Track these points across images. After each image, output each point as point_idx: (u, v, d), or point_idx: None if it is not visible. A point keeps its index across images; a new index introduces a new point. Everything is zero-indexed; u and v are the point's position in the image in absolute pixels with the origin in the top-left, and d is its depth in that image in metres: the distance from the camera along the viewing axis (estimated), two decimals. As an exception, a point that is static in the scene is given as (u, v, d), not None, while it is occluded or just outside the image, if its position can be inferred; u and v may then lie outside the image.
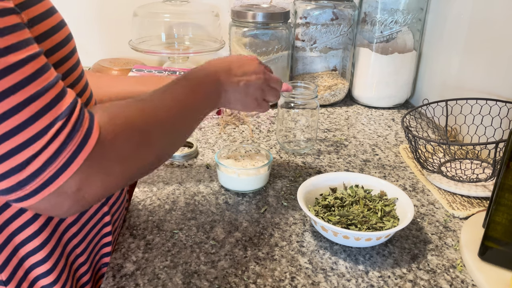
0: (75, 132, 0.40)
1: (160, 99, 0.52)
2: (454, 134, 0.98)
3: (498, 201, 0.56)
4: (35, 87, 0.38)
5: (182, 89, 0.57)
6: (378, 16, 1.11)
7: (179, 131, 0.54)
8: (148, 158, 0.48)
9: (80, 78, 0.53)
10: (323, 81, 1.19)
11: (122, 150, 0.44)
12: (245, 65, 0.68)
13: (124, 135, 0.44)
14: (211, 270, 0.59)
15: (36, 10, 0.44)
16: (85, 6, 1.39)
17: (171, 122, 0.52)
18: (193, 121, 0.58)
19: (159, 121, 0.50)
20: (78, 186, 0.40)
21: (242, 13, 1.09)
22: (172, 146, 0.54)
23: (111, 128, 0.43)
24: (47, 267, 0.54)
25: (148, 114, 0.49)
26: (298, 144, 0.95)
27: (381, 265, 0.61)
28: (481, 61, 0.94)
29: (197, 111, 0.58)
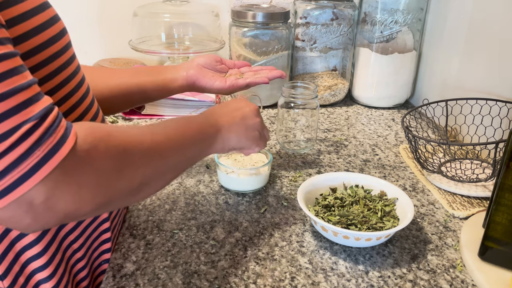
0: (46, 138, 0.37)
1: (149, 128, 0.50)
2: (454, 134, 0.98)
3: (498, 201, 0.56)
4: (3, 87, 0.36)
5: (174, 121, 0.55)
6: (378, 16, 1.11)
7: (167, 162, 0.50)
8: (128, 182, 0.44)
9: (76, 74, 0.53)
10: (323, 81, 1.19)
11: (100, 164, 0.40)
12: (233, 104, 0.67)
13: (104, 149, 0.41)
14: (211, 270, 0.59)
15: (24, 7, 0.44)
16: (85, 6, 1.39)
17: (158, 150, 0.48)
18: (184, 154, 0.54)
19: (144, 144, 0.47)
20: (46, 196, 0.36)
21: (242, 13, 1.09)
22: (156, 177, 0.49)
23: (90, 139, 0.40)
24: (43, 261, 0.54)
25: (134, 135, 0.46)
26: (298, 144, 0.95)
27: (381, 265, 0.61)
28: (481, 61, 0.94)
29: (191, 145, 0.55)
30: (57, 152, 0.37)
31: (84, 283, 0.62)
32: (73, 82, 0.52)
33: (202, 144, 0.58)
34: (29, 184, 0.36)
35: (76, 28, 1.39)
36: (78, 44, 0.54)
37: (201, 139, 0.57)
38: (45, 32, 0.46)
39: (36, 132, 0.36)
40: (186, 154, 0.54)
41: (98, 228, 0.63)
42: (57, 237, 0.56)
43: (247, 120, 0.65)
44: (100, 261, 0.65)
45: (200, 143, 0.57)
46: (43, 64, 0.46)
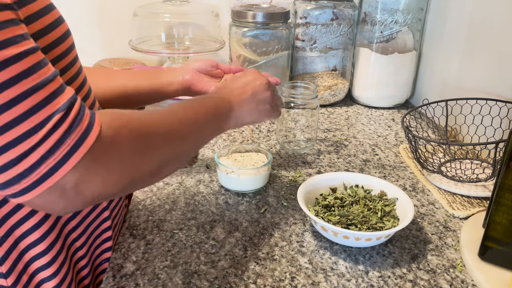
0: (75, 127, 0.39)
1: (167, 110, 0.53)
2: (454, 134, 0.98)
3: (498, 201, 0.56)
4: (32, 81, 0.38)
5: (189, 103, 0.58)
6: (378, 16, 1.11)
7: (184, 142, 0.53)
8: (150, 163, 0.47)
9: (78, 74, 0.53)
10: (323, 81, 1.19)
11: (124, 148, 0.43)
12: (242, 79, 0.68)
13: (127, 134, 0.44)
14: (211, 270, 0.59)
15: (34, 7, 0.44)
16: (85, 6, 1.39)
17: (176, 132, 0.51)
18: (200, 134, 0.57)
19: (163, 127, 0.49)
20: (76, 182, 0.39)
21: (242, 13, 1.09)
22: (176, 157, 0.52)
23: (113, 125, 0.43)
24: (47, 259, 0.54)
25: (153, 119, 0.49)
26: (298, 144, 0.95)
27: (381, 265, 0.61)
28: (481, 61, 0.94)
29: (206, 124, 0.58)
30: (86, 140, 0.39)
31: (86, 281, 0.62)
32: (75, 84, 0.52)
33: (216, 122, 0.60)
34: (62, 171, 0.38)
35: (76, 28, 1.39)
36: (78, 44, 0.54)
37: (215, 118, 0.60)
38: (50, 34, 0.47)
39: (65, 122, 0.39)
40: (202, 133, 0.57)
41: (99, 226, 0.63)
42: (60, 236, 0.56)
43: (258, 95, 0.67)
44: (101, 260, 0.66)
45: (215, 121, 0.60)
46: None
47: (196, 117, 0.56)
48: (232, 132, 1.02)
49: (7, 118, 0.36)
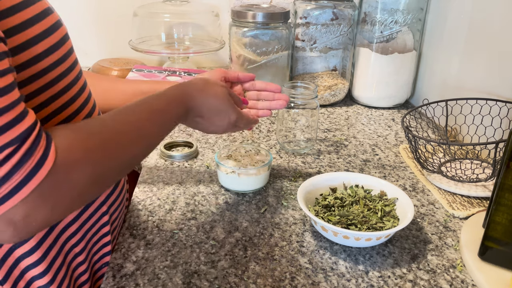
0: (25, 161, 0.38)
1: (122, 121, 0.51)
2: (454, 134, 0.98)
3: (498, 201, 0.56)
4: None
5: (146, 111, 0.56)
6: (378, 16, 1.11)
7: (139, 153, 0.53)
8: (101, 189, 0.49)
9: (77, 79, 0.53)
10: (323, 81, 1.19)
11: (76, 182, 0.42)
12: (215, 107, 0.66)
13: (81, 168, 0.42)
14: (211, 270, 0.59)
15: (22, 17, 0.43)
16: (84, 6, 1.39)
17: (136, 148, 0.51)
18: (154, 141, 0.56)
19: (119, 151, 0.48)
20: (25, 214, 0.39)
21: (242, 13, 1.09)
22: (127, 171, 0.55)
23: (68, 159, 0.41)
24: (42, 268, 0.54)
25: (109, 145, 0.47)
26: (298, 144, 0.95)
27: (381, 265, 0.61)
28: (481, 61, 0.94)
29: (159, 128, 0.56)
30: (35, 175, 0.38)
31: (85, 287, 0.62)
32: (75, 88, 0.52)
33: (170, 125, 0.59)
34: (8, 205, 0.38)
35: (76, 29, 1.39)
36: (78, 45, 0.54)
37: (170, 120, 0.58)
38: (46, 40, 0.46)
39: (16, 155, 0.38)
40: (155, 140, 0.56)
41: (98, 231, 0.63)
42: (57, 242, 0.56)
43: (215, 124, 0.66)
44: (101, 264, 0.65)
45: (169, 124, 0.59)
46: (43, 72, 0.46)
47: (155, 127, 0.55)
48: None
49: None
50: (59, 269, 0.56)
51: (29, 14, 0.44)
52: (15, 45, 0.42)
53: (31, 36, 0.44)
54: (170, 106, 0.58)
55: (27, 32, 0.43)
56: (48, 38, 0.46)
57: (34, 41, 0.44)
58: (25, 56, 0.43)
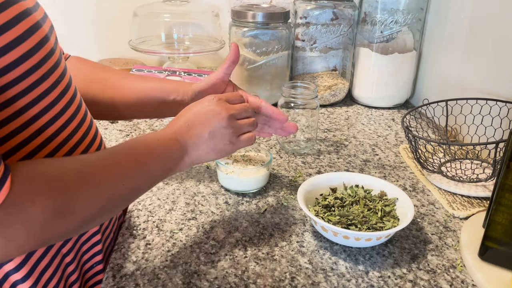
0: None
1: (103, 157, 0.48)
2: (454, 134, 0.98)
3: (498, 201, 0.56)
4: None
5: (135, 148, 0.52)
6: (378, 16, 1.11)
7: (120, 196, 0.48)
8: (68, 226, 0.43)
9: (60, 80, 0.50)
10: (323, 81, 1.19)
11: (32, 217, 0.39)
12: (201, 112, 0.60)
13: (40, 199, 0.39)
14: (211, 270, 0.59)
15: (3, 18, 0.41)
16: (84, 6, 1.39)
17: (112, 186, 0.46)
18: (143, 183, 0.52)
19: (93, 183, 0.44)
20: None
21: (242, 13, 1.09)
22: (104, 214, 0.47)
23: (25, 189, 0.38)
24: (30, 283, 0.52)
25: (79, 176, 0.44)
26: (298, 144, 0.95)
27: (381, 265, 0.61)
28: (481, 61, 0.94)
29: (151, 173, 0.53)
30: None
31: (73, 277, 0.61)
32: (57, 90, 0.49)
33: (165, 167, 0.55)
34: None
35: (76, 28, 1.39)
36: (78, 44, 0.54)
37: (164, 165, 0.55)
38: (20, 46, 0.43)
39: None
40: (145, 182, 0.52)
41: (90, 250, 0.62)
42: (46, 256, 0.54)
43: (216, 134, 0.59)
44: (92, 273, 0.64)
45: (164, 166, 0.55)
46: (20, 79, 0.43)
47: (140, 167, 0.51)
48: (232, 132, 1.02)
49: None
50: (48, 280, 0.55)
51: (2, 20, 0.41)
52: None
53: (1, 44, 0.41)
54: (160, 143, 0.55)
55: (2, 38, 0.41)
56: (21, 44, 0.43)
57: (5, 50, 0.41)
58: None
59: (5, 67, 0.42)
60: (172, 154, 0.56)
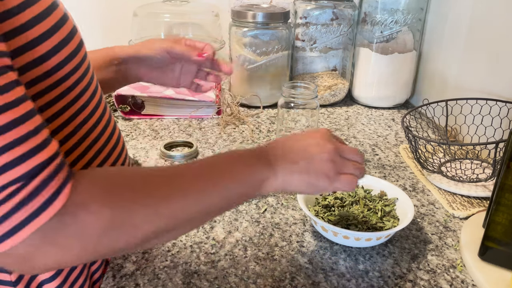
0: (29, 201, 0.35)
1: (170, 174, 0.44)
2: (454, 134, 0.98)
3: (498, 201, 0.56)
4: (17, 134, 0.35)
5: (208, 166, 0.47)
6: (378, 16, 1.11)
7: (184, 213, 0.43)
8: (127, 241, 0.40)
9: (86, 73, 0.51)
10: (323, 81, 1.19)
11: (88, 227, 0.37)
12: (302, 139, 0.54)
13: (97, 209, 0.38)
14: (211, 270, 0.59)
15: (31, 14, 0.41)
16: (84, 6, 1.39)
17: (171, 202, 0.42)
18: (210, 204, 0.45)
19: (153, 198, 0.41)
20: (24, 254, 0.36)
21: (242, 13, 1.09)
22: (171, 232, 0.43)
23: (84, 198, 0.38)
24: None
25: (144, 188, 0.41)
26: (298, 144, 0.94)
27: (381, 265, 0.61)
28: (481, 61, 0.94)
29: (225, 194, 0.47)
30: (38, 217, 0.35)
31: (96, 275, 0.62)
32: (82, 84, 0.50)
33: (242, 190, 0.49)
34: (8, 243, 0.35)
35: (76, 28, 1.39)
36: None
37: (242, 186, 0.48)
38: (52, 37, 0.44)
39: (19, 194, 0.35)
40: (216, 200, 0.46)
41: None
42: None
43: (312, 167, 0.51)
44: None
45: (240, 189, 0.48)
46: (51, 72, 0.44)
47: (213, 180, 0.45)
48: (232, 132, 1.02)
49: None
50: (76, 279, 0.55)
51: (35, 12, 0.42)
52: (19, 46, 0.40)
53: (36, 35, 0.42)
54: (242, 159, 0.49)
55: (32, 32, 0.42)
56: (55, 35, 0.44)
57: (40, 41, 0.42)
58: (29, 57, 0.42)
59: (44, 55, 0.42)
60: (254, 172, 0.49)
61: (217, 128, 1.04)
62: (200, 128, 1.03)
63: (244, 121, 1.07)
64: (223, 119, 1.06)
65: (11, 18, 0.39)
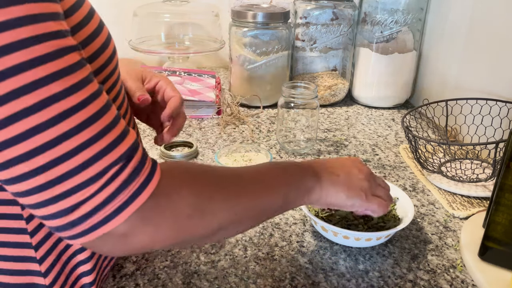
0: (130, 182, 0.37)
1: (240, 169, 0.49)
2: (454, 134, 0.98)
3: (498, 201, 0.56)
4: (98, 126, 0.36)
5: (270, 165, 0.54)
6: (378, 16, 1.11)
7: (251, 208, 0.47)
8: (205, 228, 0.43)
9: (117, 81, 0.50)
10: (323, 81, 1.19)
11: (179, 211, 0.40)
12: (340, 160, 0.60)
13: (186, 195, 0.41)
14: (211, 270, 0.59)
15: (79, 17, 0.41)
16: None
17: (245, 197, 0.46)
18: (273, 202, 0.49)
19: (231, 189, 0.45)
20: (125, 233, 0.38)
21: (242, 13, 1.09)
22: (238, 224, 0.46)
23: (173, 182, 0.40)
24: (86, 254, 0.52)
25: (220, 181, 0.45)
26: (298, 144, 0.95)
27: (381, 265, 0.61)
28: (481, 61, 0.94)
29: (283, 193, 0.50)
30: (138, 197, 0.38)
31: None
32: (113, 92, 0.49)
33: (296, 192, 0.52)
34: (111, 225, 0.37)
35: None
36: (78, 44, 0.54)
37: (296, 188, 0.52)
38: (95, 41, 0.44)
39: (121, 175, 0.37)
40: (275, 201, 0.50)
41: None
42: None
43: (351, 181, 0.56)
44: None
45: (295, 191, 0.52)
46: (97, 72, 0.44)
47: (274, 182, 0.50)
48: (232, 132, 1.02)
49: (64, 168, 0.35)
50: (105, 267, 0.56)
51: (78, 18, 0.41)
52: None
53: (80, 40, 0.41)
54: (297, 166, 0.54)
55: (81, 33, 0.41)
56: (95, 40, 0.44)
57: (85, 43, 0.42)
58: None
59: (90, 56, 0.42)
60: (305, 178, 0.53)
61: (217, 128, 1.04)
62: (200, 128, 1.03)
63: (244, 121, 1.07)
64: (223, 119, 1.06)
65: (67, 19, 0.39)
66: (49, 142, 0.34)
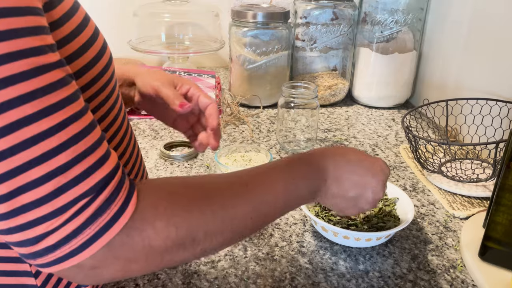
0: (100, 214, 0.35)
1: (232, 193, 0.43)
2: (454, 134, 0.98)
3: (498, 201, 0.56)
4: (70, 154, 0.34)
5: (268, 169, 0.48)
6: (378, 16, 1.11)
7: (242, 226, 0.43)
8: (185, 257, 0.40)
9: (113, 91, 0.48)
10: (323, 81, 1.19)
11: (153, 244, 0.37)
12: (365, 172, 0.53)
13: (161, 226, 0.37)
14: (211, 270, 0.59)
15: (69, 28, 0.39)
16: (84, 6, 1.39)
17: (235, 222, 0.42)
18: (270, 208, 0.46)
19: (214, 218, 0.41)
20: (94, 266, 0.36)
21: (242, 13, 1.09)
22: (225, 246, 0.44)
23: (149, 212, 0.37)
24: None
25: (207, 205, 0.41)
26: (298, 144, 0.94)
27: (381, 265, 0.61)
28: (481, 61, 0.94)
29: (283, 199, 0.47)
30: (108, 231, 0.35)
31: None
32: (109, 103, 0.48)
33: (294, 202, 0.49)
34: (77, 259, 0.35)
35: (76, 28, 1.39)
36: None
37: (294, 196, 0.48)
38: (89, 51, 0.42)
39: (90, 207, 0.34)
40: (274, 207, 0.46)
41: None
42: None
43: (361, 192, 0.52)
44: None
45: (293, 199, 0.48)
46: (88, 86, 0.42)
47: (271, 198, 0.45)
48: (232, 132, 1.02)
49: (32, 196, 0.33)
50: None
51: (68, 30, 0.39)
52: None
53: (72, 51, 0.40)
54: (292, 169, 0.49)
55: (72, 45, 0.39)
56: (92, 47, 0.42)
57: (75, 56, 0.40)
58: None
59: (76, 72, 0.40)
60: (307, 187, 0.49)
61: (217, 128, 1.03)
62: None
63: (244, 121, 1.07)
64: (223, 119, 1.06)
65: (58, 29, 0.38)
66: (16, 169, 0.32)
